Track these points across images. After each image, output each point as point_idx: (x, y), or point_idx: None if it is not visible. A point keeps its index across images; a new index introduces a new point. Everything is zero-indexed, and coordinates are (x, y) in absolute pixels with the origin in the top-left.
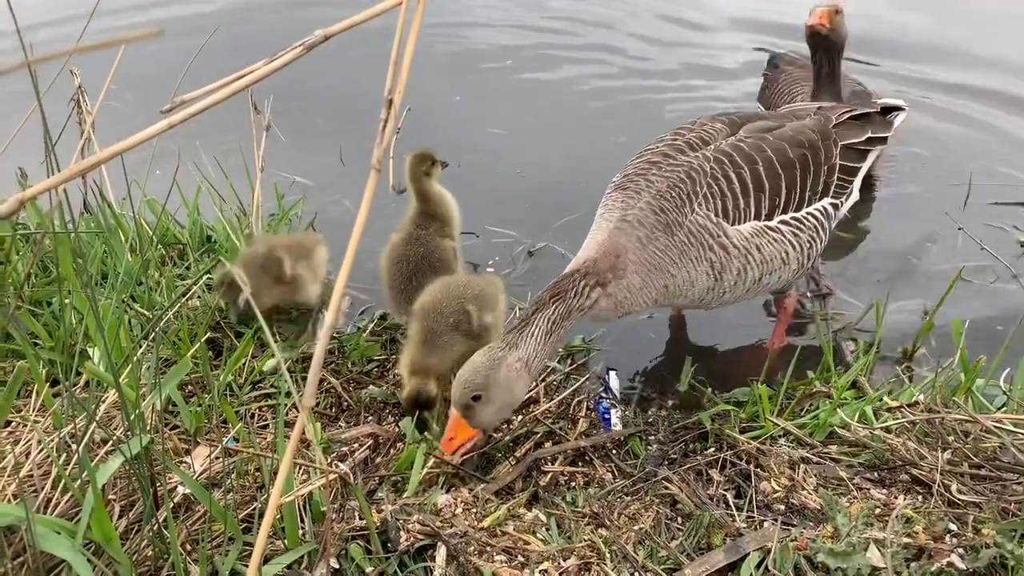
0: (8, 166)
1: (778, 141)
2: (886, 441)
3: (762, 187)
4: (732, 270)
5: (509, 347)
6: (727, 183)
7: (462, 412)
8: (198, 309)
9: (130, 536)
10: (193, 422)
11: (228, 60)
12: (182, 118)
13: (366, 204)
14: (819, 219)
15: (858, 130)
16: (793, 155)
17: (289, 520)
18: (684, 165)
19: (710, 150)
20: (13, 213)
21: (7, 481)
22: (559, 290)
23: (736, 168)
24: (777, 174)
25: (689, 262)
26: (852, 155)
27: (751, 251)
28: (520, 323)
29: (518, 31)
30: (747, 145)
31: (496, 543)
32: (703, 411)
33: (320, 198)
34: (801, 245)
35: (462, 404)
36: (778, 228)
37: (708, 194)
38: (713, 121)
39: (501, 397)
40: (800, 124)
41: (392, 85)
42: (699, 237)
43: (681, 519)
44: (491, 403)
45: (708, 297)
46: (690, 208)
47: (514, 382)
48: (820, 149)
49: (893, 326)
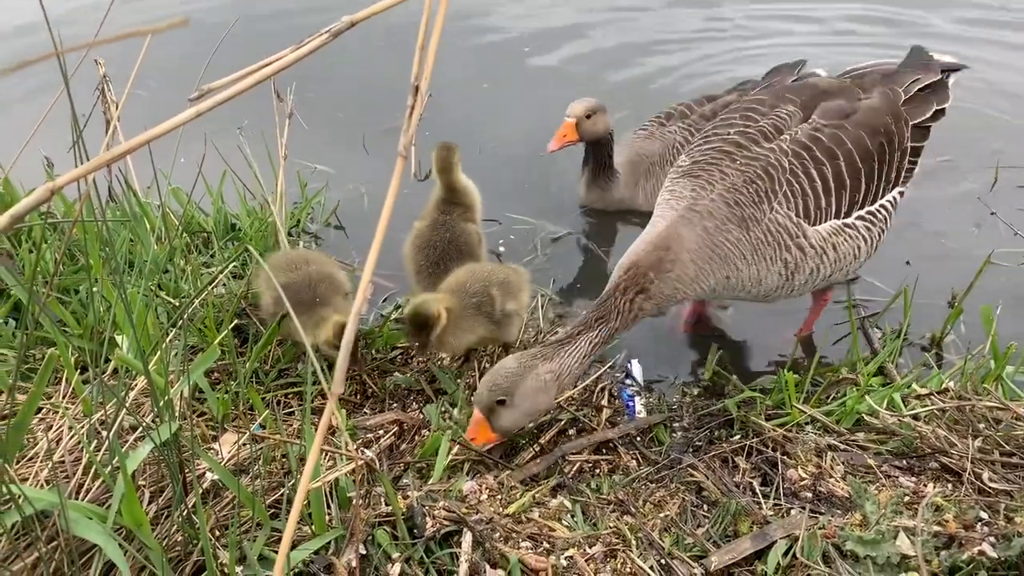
0: (27, 153)
1: (856, 130)
2: (915, 429)
3: (843, 184)
4: (806, 270)
5: (544, 358)
6: (808, 181)
7: (485, 413)
8: (224, 297)
9: (160, 521)
10: (220, 409)
11: (250, 47)
12: (209, 106)
13: (393, 190)
14: (890, 209)
15: (925, 106)
16: (871, 145)
17: (316, 506)
18: (761, 159)
19: (786, 141)
20: (44, 202)
21: (40, 466)
22: (603, 312)
23: (817, 164)
24: (857, 168)
25: (762, 260)
26: (918, 134)
27: (827, 250)
28: (564, 338)
29: (541, 16)
30: (826, 136)
31: (522, 530)
32: (728, 398)
33: (342, 185)
34: (873, 238)
35: (486, 405)
36: (854, 224)
37: (788, 192)
38: (783, 102)
39: (525, 405)
40: (873, 106)
41: (418, 71)
42: (777, 237)
43: (707, 506)
44: (514, 409)
45: (774, 294)
46: (769, 206)
47: (541, 393)
48: (895, 134)
49: (921, 311)
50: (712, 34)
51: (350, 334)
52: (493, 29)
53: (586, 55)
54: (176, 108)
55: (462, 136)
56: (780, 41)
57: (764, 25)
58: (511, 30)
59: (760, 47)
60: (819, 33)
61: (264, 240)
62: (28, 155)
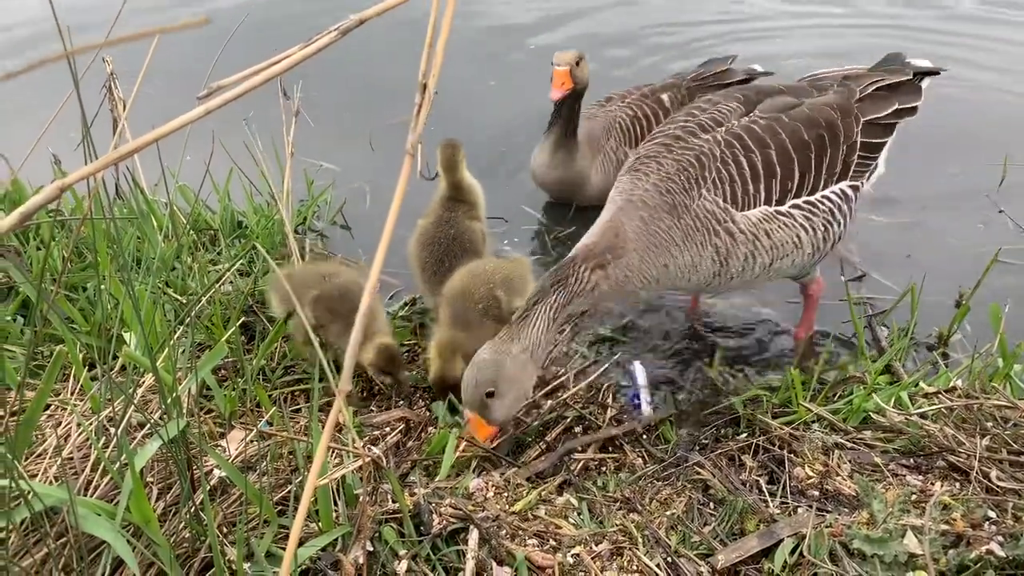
0: (30, 150)
1: (792, 122)
2: (922, 427)
3: (773, 172)
4: (739, 256)
5: (513, 339)
6: (737, 168)
7: (478, 411)
8: (231, 294)
9: (168, 518)
10: (227, 406)
11: (257, 45)
12: (218, 104)
13: (401, 188)
14: (835, 202)
15: (883, 103)
16: (808, 136)
17: (323, 503)
18: (695, 148)
19: (721, 132)
20: (53, 200)
21: (48, 463)
22: (559, 277)
23: (747, 152)
24: (790, 158)
25: (694, 246)
26: (876, 130)
27: (759, 237)
28: (522, 313)
29: (548, 13)
30: (759, 127)
31: (528, 527)
32: (734, 396)
33: (347, 183)
34: (815, 228)
35: (476, 403)
36: (789, 213)
37: (717, 179)
38: (728, 99)
39: (512, 390)
40: (819, 101)
41: (426, 69)
42: (705, 222)
43: (714, 504)
44: (504, 397)
45: (715, 282)
46: (698, 192)
47: (521, 373)
48: (839, 128)
49: (928, 309)
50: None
51: (355, 340)
52: (498, 21)
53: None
54: (183, 105)
55: (468, 132)
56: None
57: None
58: (516, 20)
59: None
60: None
61: (271, 238)
62: (34, 151)
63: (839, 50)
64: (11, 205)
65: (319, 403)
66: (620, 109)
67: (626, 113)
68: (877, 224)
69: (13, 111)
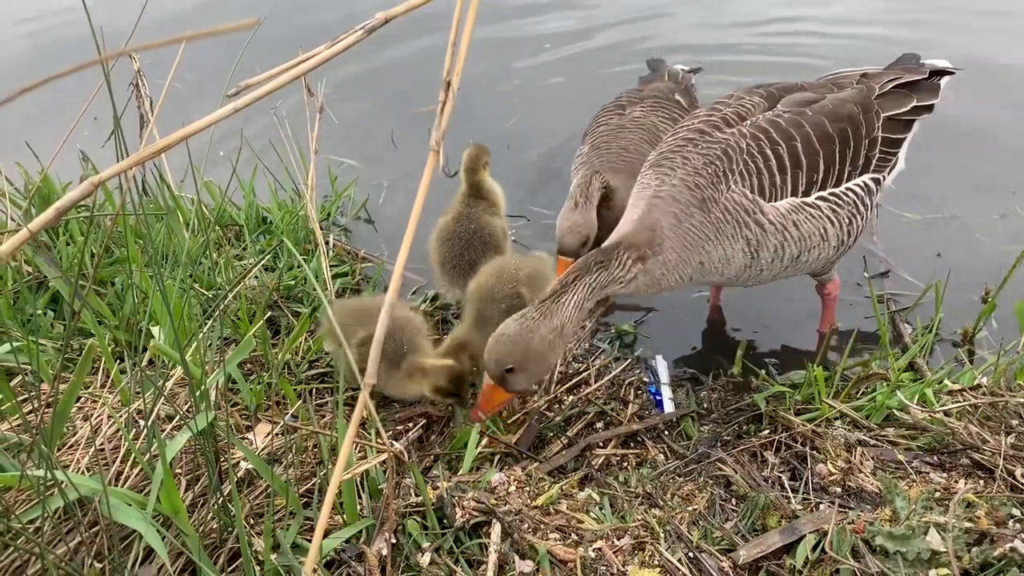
0: (53, 143)
1: (816, 116)
2: (946, 424)
3: (799, 164)
4: (769, 247)
5: (543, 316)
6: (763, 160)
7: (496, 381)
8: (256, 289)
9: (196, 509)
10: (253, 399)
11: (283, 42)
12: (247, 102)
13: (425, 184)
14: (859, 194)
15: (902, 100)
16: (832, 130)
17: (348, 496)
18: (720, 142)
19: (746, 126)
20: (87, 196)
21: (80, 454)
22: (604, 258)
23: (773, 144)
24: (815, 150)
25: (725, 239)
26: (896, 127)
27: (788, 228)
28: (558, 289)
29: (568, 13)
30: (784, 120)
31: (550, 521)
32: (757, 393)
33: (371, 180)
34: (840, 221)
35: (495, 375)
36: (816, 204)
37: (744, 171)
38: (751, 95)
39: (535, 367)
40: (840, 96)
41: (450, 67)
42: (735, 214)
43: (735, 500)
44: (525, 373)
45: (745, 275)
46: (726, 185)
47: (548, 351)
48: (861, 123)
49: (953, 306)
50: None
51: (377, 345)
52: (524, 23)
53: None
54: (211, 100)
55: (489, 130)
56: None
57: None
58: (537, 21)
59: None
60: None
61: (295, 233)
62: (53, 144)
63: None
64: (41, 200)
65: (343, 397)
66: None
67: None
68: (903, 220)
69: (36, 104)
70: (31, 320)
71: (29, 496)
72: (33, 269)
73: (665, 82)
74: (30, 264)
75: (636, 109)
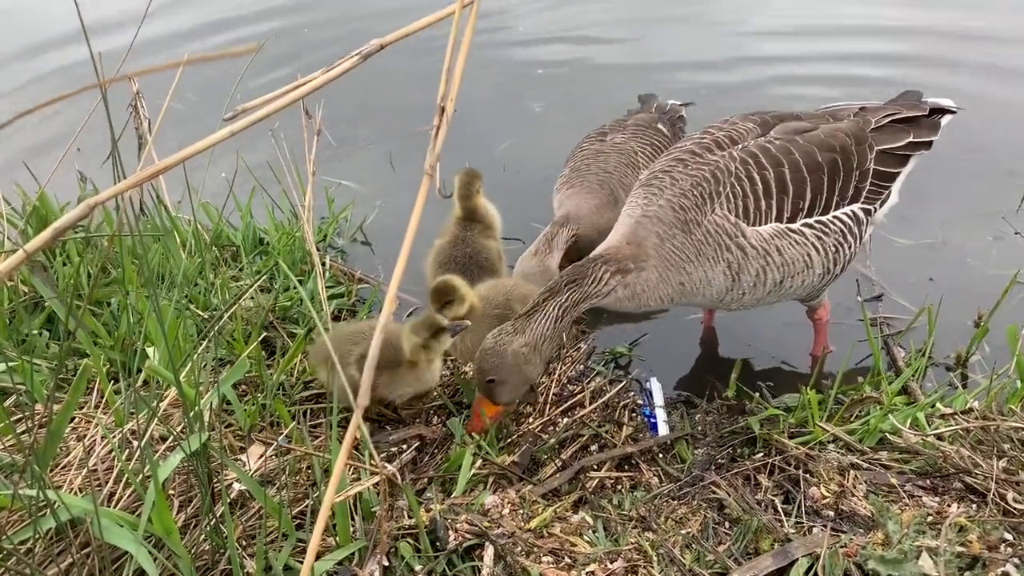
0: (49, 163)
1: (807, 144)
2: (939, 448)
3: (785, 189)
4: (750, 271)
5: (516, 332)
6: (750, 184)
7: (484, 392)
8: (251, 310)
9: (188, 530)
10: (247, 420)
11: (280, 63)
12: (243, 126)
13: (419, 207)
14: (847, 224)
15: (898, 134)
16: (822, 159)
17: (340, 518)
18: (710, 164)
19: (737, 150)
20: (84, 217)
21: (73, 474)
22: (576, 276)
23: (760, 169)
24: (803, 177)
25: (706, 261)
26: (890, 160)
27: (771, 253)
28: (531, 307)
29: (566, 37)
30: (775, 147)
31: (543, 544)
32: (751, 416)
33: (368, 202)
34: (826, 249)
35: (481, 387)
36: (800, 231)
37: (730, 194)
38: (744, 120)
39: (513, 378)
40: (834, 127)
41: (444, 92)
42: (716, 237)
43: (729, 524)
44: (505, 383)
45: (727, 298)
46: (710, 207)
47: (523, 365)
48: (852, 154)
49: (946, 330)
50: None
51: (371, 361)
52: (512, 43)
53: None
54: (209, 119)
55: (483, 152)
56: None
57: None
58: (530, 43)
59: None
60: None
61: (291, 254)
62: (50, 164)
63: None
64: (38, 219)
65: (337, 419)
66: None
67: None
68: (895, 244)
69: (33, 125)
70: (26, 340)
71: (21, 516)
72: (29, 289)
73: (650, 113)
74: (26, 284)
75: (617, 135)
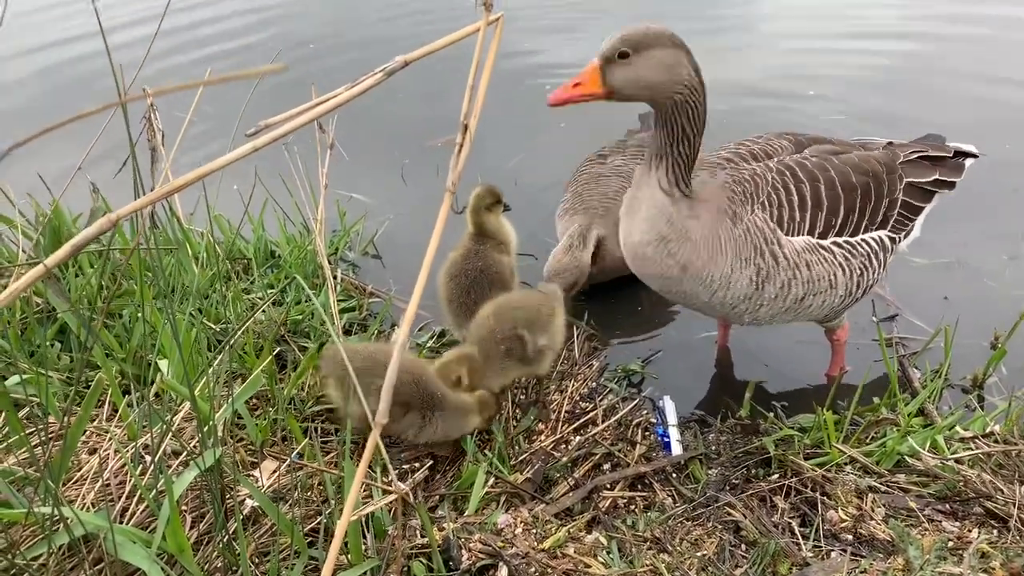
0: (61, 174)
1: (843, 165)
2: (959, 472)
3: (820, 204)
4: (776, 282)
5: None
6: (786, 195)
7: (602, 63)
8: (264, 323)
9: (200, 547)
10: (259, 436)
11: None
12: (265, 142)
13: (440, 226)
14: (873, 248)
15: (926, 170)
16: (856, 180)
17: (353, 536)
18: (747, 171)
19: (773, 162)
20: (104, 232)
21: (86, 489)
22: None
23: (797, 182)
24: (837, 195)
25: (739, 259)
26: (916, 194)
27: (800, 267)
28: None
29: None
30: (811, 163)
31: (557, 565)
32: (765, 436)
33: (380, 215)
34: (851, 270)
35: (606, 54)
36: (830, 248)
37: (766, 202)
38: (779, 137)
39: (645, 72)
40: (867, 154)
41: (468, 110)
42: (755, 238)
43: (745, 546)
44: (633, 68)
45: (741, 307)
46: (751, 208)
47: (669, 66)
48: (884, 181)
49: (963, 351)
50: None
51: (389, 384)
52: (535, 61)
53: None
54: (222, 134)
55: (498, 169)
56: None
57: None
58: (542, 62)
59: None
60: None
61: (303, 267)
62: (58, 174)
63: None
64: (52, 232)
65: (351, 436)
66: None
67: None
68: (911, 264)
69: (47, 137)
70: (38, 351)
71: (34, 532)
72: (42, 300)
73: (650, 131)
74: (39, 295)
75: (617, 158)
